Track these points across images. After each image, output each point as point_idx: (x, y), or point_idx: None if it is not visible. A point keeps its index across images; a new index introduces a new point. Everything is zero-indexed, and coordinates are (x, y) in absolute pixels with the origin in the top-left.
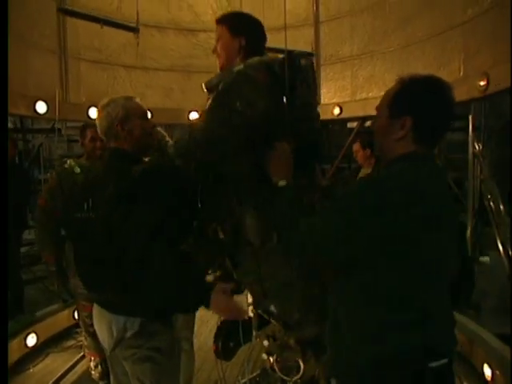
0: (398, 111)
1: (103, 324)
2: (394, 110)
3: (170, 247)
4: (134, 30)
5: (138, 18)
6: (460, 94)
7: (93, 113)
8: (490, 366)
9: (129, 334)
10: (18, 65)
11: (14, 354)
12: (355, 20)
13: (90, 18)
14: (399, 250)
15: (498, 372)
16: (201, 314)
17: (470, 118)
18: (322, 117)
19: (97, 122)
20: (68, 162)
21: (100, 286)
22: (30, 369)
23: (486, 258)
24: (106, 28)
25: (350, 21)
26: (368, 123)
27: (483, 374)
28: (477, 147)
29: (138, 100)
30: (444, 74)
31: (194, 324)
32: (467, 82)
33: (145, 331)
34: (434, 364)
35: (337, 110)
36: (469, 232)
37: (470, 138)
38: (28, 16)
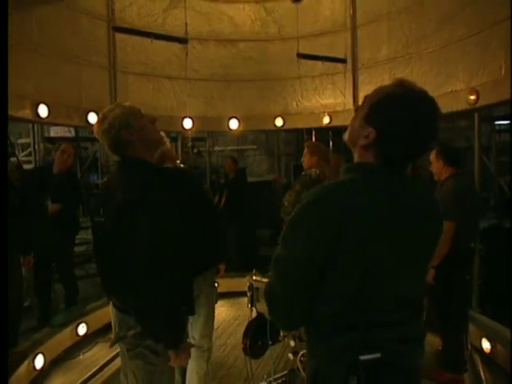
0: (369, 118)
1: (113, 319)
2: (368, 115)
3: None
4: (183, 40)
5: (186, 30)
6: (502, 94)
7: None
8: None
9: (131, 332)
10: (71, 80)
11: (66, 341)
12: (392, 22)
13: (142, 34)
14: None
15: None
16: (239, 314)
17: None
18: None
19: (99, 137)
20: None
21: (111, 286)
22: (80, 355)
23: None
24: (150, 43)
25: (387, 23)
26: None
27: None
28: None
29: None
30: (485, 74)
31: (213, 320)
32: (507, 81)
33: (146, 332)
34: (363, 357)
35: None
36: None
37: None
38: (82, 37)
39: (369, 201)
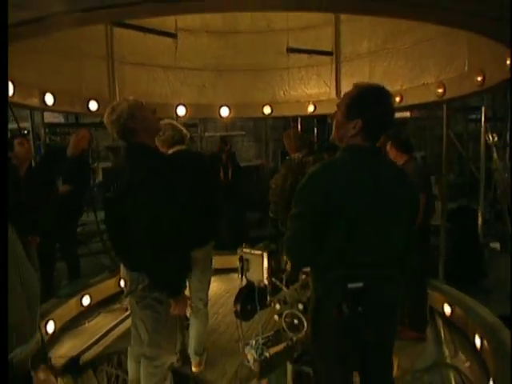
0: (352, 114)
1: (124, 276)
2: (350, 112)
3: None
4: (174, 35)
5: (176, 26)
6: (464, 88)
7: None
8: (480, 337)
9: (140, 286)
10: (74, 70)
11: (72, 310)
12: (373, 19)
13: (137, 28)
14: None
15: (485, 341)
16: (230, 287)
17: (483, 109)
18: None
19: (108, 126)
20: None
21: (121, 250)
22: (85, 324)
23: (496, 244)
24: (145, 35)
25: (368, 19)
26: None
27: (474, 342)
28: (490, 138)
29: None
30: (452, 69)
31: (208, 287)
32: (469, 77)
33: (152, 285)
34: (350, 285)
35: None
36: (480, 219)
37: (483, 129)
38: (82, 30)
39: (355, 177)
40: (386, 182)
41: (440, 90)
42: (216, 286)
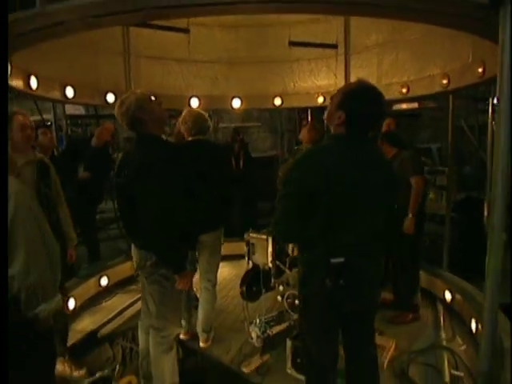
0: (339, 106)
1: (134, 254)
2: (339, 103)
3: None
4: (186, 31)
5: (188, 21)
6: (468, 79)
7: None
8: (476, 321)
9: (148, 263)
10: (92, 65)
11: (91, 290)
12: None
13: (149, 26)
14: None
15: (480, 325)
16: (239, 272)
17: (490, 100)
18: None
19: (119, 118)
20: None
21: (130, 230)
22: (102, 303)
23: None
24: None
25: None
26: None
27: (471, 326)
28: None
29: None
30: (456, 60)
31: (217, 269)
32: (471, 68)
33: (159, 262)
34: (333, 260)
35: None
36: (486, 210)
37: (490, 120)
38: None
39: (339, 162)
40: (367, 169)
41: (445, 81)
42: (227, 270)
